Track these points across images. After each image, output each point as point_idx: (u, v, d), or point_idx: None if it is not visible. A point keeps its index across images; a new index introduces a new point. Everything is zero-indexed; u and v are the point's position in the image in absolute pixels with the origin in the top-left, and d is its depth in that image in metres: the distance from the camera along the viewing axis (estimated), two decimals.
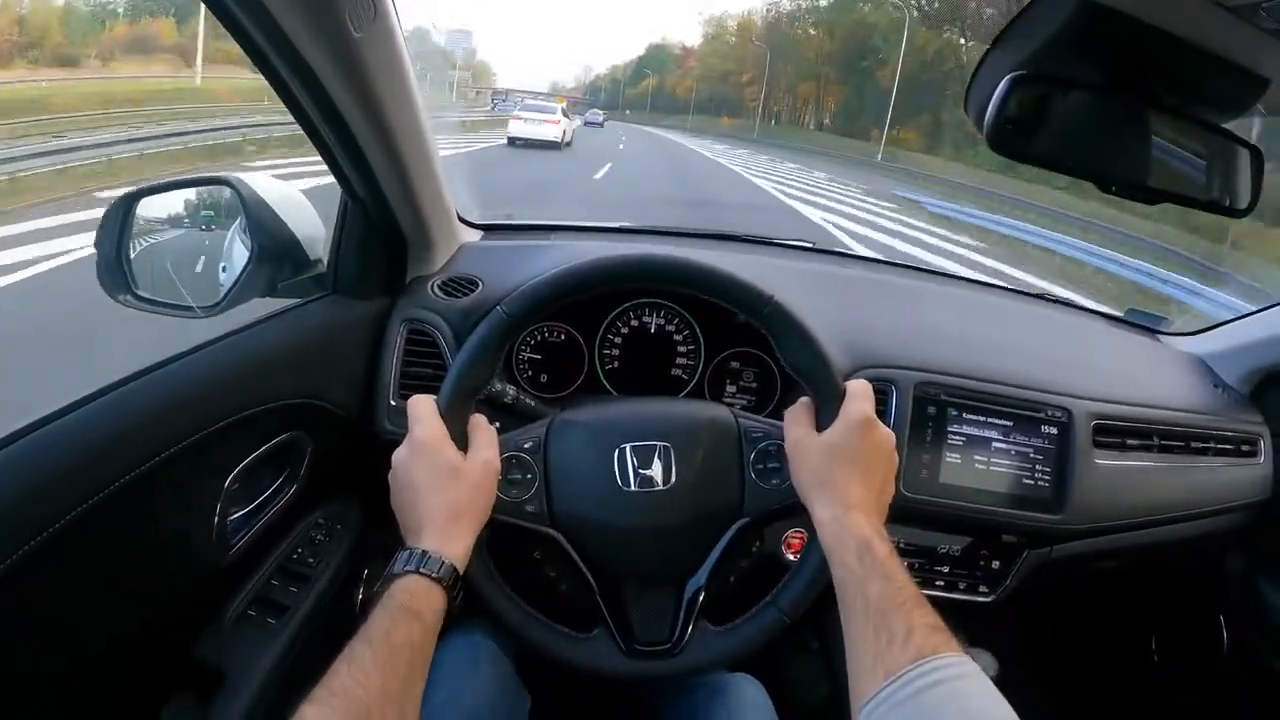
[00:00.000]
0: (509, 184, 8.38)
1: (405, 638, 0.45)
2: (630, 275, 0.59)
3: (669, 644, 0.58)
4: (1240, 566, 0.92)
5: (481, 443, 0.56)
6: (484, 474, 0.54)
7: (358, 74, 0.54)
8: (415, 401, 0.56)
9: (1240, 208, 0.60)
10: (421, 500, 0.52)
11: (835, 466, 0.54)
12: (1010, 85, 0.52)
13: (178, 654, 0.62)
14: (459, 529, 0.52)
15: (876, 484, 0.55)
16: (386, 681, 0.42)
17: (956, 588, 0.80)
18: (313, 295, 0.73)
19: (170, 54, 28.21)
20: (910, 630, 0.44)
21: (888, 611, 0.45)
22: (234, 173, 0.73)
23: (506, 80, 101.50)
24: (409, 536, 0.52)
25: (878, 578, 0.48)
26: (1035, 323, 1.01)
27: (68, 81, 19.92)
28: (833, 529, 0.52)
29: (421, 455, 0.53)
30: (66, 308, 2.68)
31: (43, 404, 0.49)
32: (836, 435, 0.55)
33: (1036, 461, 0.77)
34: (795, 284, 0.80)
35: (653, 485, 0.57)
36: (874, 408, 0.57)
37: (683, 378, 0.81)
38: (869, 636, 0.45)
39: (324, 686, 0.41)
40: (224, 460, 0.60)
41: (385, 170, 0.65)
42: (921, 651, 0.42)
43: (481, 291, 0.78)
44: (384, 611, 0.46)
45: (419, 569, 0.49)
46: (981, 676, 0.42)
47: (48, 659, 0.49)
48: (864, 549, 0.50)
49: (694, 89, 65.96)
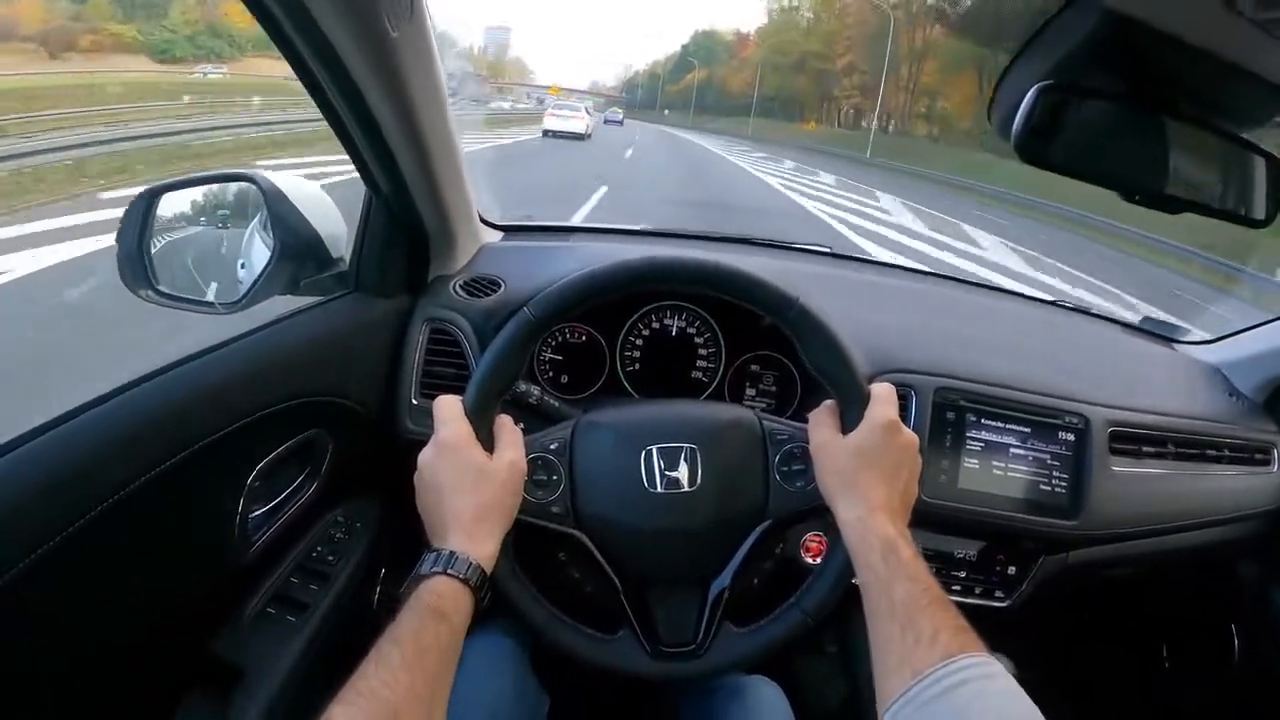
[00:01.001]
0: (553, 161, 10.88)
1: (433, 639, 0.45)
2: (656, 277, 0.59)
3: (694, 645, 0.58)
4: (1253, 575, 0.92)
5: (507, 443, 0.56)
6: (510, 474, 0.54)
7: (391, 73, 0.54)
8: (441, 402, 0.56)
9: (1259, 218, 0.61)
10: (447, 501, 0.52)
11: (860, 469, 0.54)
12: (1037, 95, 0.53)
13: (197, 650, 0.61)
14: (485, 530, 0.52)
15: (900, 486, 0.55)
16: (414, 683, 0.42)
17: (972, 593, 0.81)
18: (335, 293, 0.73)
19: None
20: (937, 630, 0.44)
21: (914, 612, 0.46)
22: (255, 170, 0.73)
23: (545, 78, 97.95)
24: (435, 538, 0.52)
25: (903, 579, 0.48)
26: (1052, 330, 1.01)
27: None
28: (857, 530, 0.52)
29: (448, 456, 0.53)
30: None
31: None
32: (862, 438, 0.55)
33: (1053, 468, 0.77)
34: (814, 288, 0.80)
35: (679, 487, 0.57)
36: (898, 411, 0.57)
37: (703, 380, 0.81)
38: (895, 637, 0.45)
39: (351, 687, 0.41)
40: (246, 457, 0.60)
41: (412, 169, 0.65)
42: (949, 651, 0.42)
43: (504, 292, 0.78)
44: (412, 612, 0.46)
45: (446, 570, 0.49)
46: (1007, 677, 0.42)
47: (69, 652, 0.49)
48: (889, 550, 0.50)
49: (755, 82, 47.48)
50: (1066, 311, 1.08)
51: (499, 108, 34.52)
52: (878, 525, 0.52)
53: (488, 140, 13.64)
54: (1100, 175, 0.57)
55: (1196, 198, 0.59)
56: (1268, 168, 0.59)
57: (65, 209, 4.18)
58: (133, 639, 0.54)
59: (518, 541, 0.57)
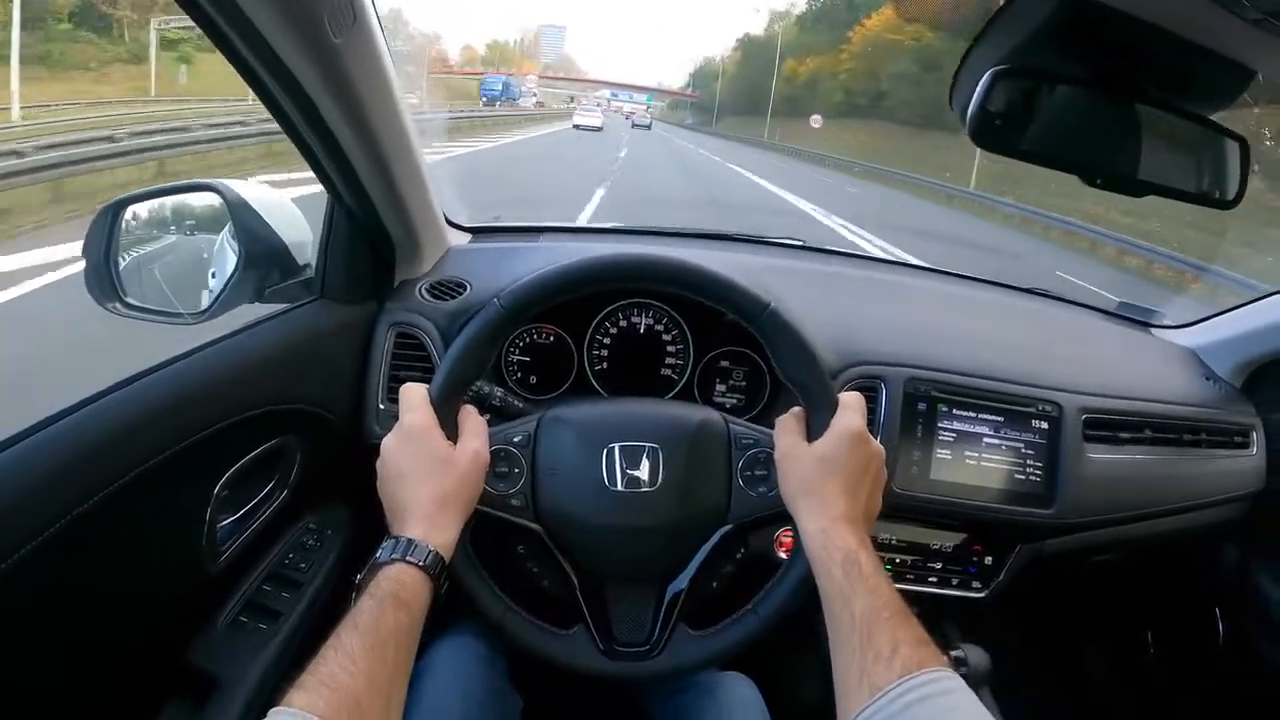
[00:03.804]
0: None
1: (393, 626, 0.45)
2: (626, 274, 0.59)
3: (647, 646, 0.58)
4: (1235, 558, 0.92)
5: (471, 433, 0.56)
6: (472, 463, 0.54)
7: (339, 80, 0.54)
8: (407, 389, 0.56)
9: (1228, 199, 0.60)
10: (409, 488, 0.52)
11: (824, 478, 0.54)
12: (992, 80, 0.52)
13: (171, 660, 0.62)
14: (446, 518, 0.52)
15: (864, 497, 0.55)
16: (374, 669, 0.42)
17: (950, 584, 0.80)
18: (301, 300, 0.73)
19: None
20: (896, 646, 0.44)
21: (873, 627, 0.45)
22: (220, 179, 0.73)
23: (600, 76, 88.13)
24: (395, 524, 0.52)
25: (863, 592, 0.48)
26: (1026, 317, 1.01)
27: None
28: (819, 540, 0.52)
29: (410, 443, 0.53)
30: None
31: None
32: (827, 446, 0.55)
33: (1028, 456, 0.77)
34: (786, 283, 0.80)
35: (639, 486, 0.57)
36: (866, 421, 0.56)
37: (672, 377, 0.81)
38: (856, 651, 0.45)
39: (312, 674, 0.41)
40: (213, 467, 0.60)
41: (370, 175, 0.65)
42: (907, 667, 0.42)
43: (470, 294, 0.78)
44: (371, 599, 0.46)
45: (405, 557, 0.49)
46: (967, 691, 0.42)
47: (40, 666, 0.49)
48: (849, 562, 0.49)
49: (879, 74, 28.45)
50: (1042, 299, 1.07)
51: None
52: (839, 536, 0.51)
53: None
54: (1061, 161, 0.56)
55: (1163, 180, 0.58)
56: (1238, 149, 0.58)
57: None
58: (106, 650, 0.54)
59: (478, 533, 0.57)
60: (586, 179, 9.67)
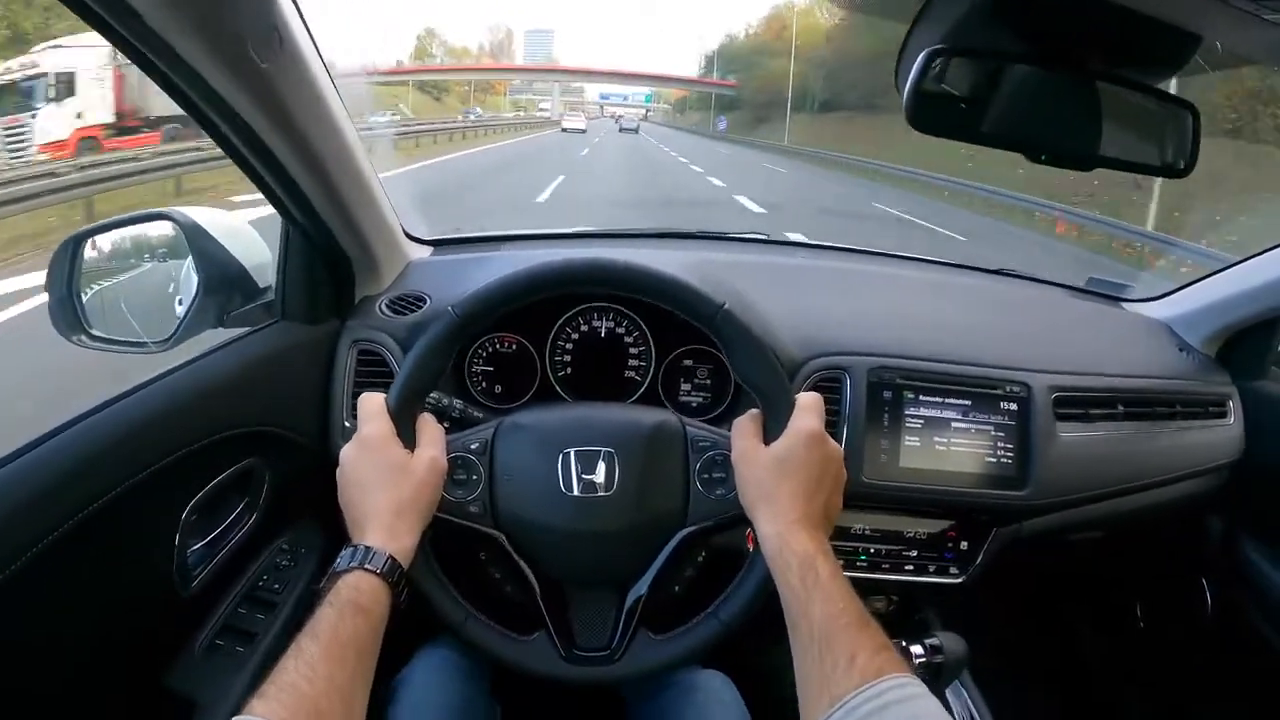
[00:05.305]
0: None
1: (351, 632, 0.46)
2: (579, 279, 0.59)
3: (608, 650, 0.58)
4: (1220, 528, 0.91)
5: (428, 441, 0.56)
6: (430, 471, 0.55)
7: (273, 104, 0.54)
8: (364, 400, 0.57)
9: (1180, 168, 0.59)
10: (368, 497, 0.53)
11: (780, 481, 0.53)
12: (926, 60, 0.51)
13: (149, 686, 0.62)
14: (404, 525, 0.53)
15: (822, 500, 0.54)
16: (334, 676, 0.43)
17: (926, 570, 0.80)
18: (261, 323, 0.73)
19: None
20: (854, 654, 0.43)
21: (831, 635, 0.45)
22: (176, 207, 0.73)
23: (594, 84, 74.98)
24: (355, 533, 0.53)
25: (820, 599, 0.47)
26: (992, 298, 1.00)
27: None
28: (775, 544, 0.51)
29: (368, 452, 0.54)
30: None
31: None
32: (784, 448, 0.54)
33: (998, 439, 0.76)
34: (747, 278, 0.80)
35: (595, 490, 0.57)
36: (824, 421, 0.56)
37: (636, 380, 0.81)
38: (815, 660, 0.45)
39: (272, 682, 0.42)
40: (179, 493, 0.61)
41: (318, 195, 0.65)
42: (865, 676, 0.42)
43: (430, 306, 0.78)
44: (330, 607, 0.47)
45: (363, 565, 0.49)
46: (928, 696, 0.42)
47: (16, 696, 0.50)
48: (806, 568, 0.49)
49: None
50: (1011, 280, 1.06)
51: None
52: (796, 541, 0.51)
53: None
54: (1001, 139, 0.55)
55: (1113, 153, 0.57)
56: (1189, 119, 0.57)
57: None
58: (79, 677, 0.55)
59: (439, 540, 0.57)
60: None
